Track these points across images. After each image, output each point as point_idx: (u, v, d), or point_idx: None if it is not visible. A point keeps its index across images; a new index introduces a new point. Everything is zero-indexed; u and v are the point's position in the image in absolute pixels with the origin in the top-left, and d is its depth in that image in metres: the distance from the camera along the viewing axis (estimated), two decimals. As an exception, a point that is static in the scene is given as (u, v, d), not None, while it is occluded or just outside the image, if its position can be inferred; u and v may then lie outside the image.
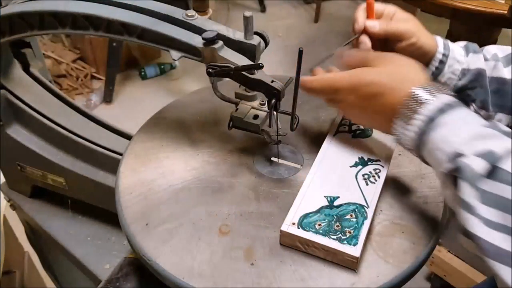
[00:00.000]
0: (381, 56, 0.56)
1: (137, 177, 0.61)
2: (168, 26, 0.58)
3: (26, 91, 0.88)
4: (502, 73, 0.66)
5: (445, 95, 0.50)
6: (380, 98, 0.53)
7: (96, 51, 2.45)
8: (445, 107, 0.49)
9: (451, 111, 0.48)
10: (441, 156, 0.47)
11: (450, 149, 0.46)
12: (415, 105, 0.50)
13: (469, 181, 0.43)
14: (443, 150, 0.47)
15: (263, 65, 0.54)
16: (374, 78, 0.53)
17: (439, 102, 0.49)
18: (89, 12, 0.59)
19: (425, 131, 0.49)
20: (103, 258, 0.89)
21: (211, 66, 0.56)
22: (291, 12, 3.24)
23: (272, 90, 0.55)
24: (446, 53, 0.65)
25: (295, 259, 0.50)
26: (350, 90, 0.54)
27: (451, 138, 0.46)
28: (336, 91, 0.56)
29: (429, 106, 0.49)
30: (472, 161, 0.43)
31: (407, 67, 0.55)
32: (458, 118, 0.48)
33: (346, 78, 0.55)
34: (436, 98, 0.49)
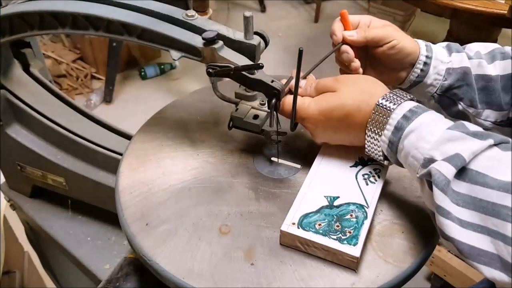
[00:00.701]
0: (341, 79, 0.57)
1: (137, 177, 0.61)
2: (168, 26, 0.58)
3: (26, 91, 0.88)
4: (487, 70, 0.66)
5: (408, 101, 0.52)
6: (349, 119, 0.54)
7: (96, 51, 2.45)
8: (409, 114, 0.50)
9: (416, 117, 0.49)
10: (414, 162, 0.48)
11: (421, 155, 0.47)
12: (381, 117, 0.52)
13: (439, 186, 0.44)
14: (415, 156, 0.48)
15: (263, 65, 0.54)
16: (339, 102, 0.54)
17: (402, 110, 0.50)
18: (89, 12, 0.59)
19: (395, 140, 0.50)
20: (103, 258, 0.89)
21: (211, 66, 0.56)
22: (291, 12, 3.24)
23: (272, 90, 0.55)
24: (429, 55, 0.65)
25: (295, 259, 0.50)
26: (318, 117, 0.56)
27: (421, 144, 0.48)
28: (305, 120, 0.57)
29: (394, 115, 0.50)
30: (441, 166, 0.44)
31: (367, 83, 0.57)
32: (424, 123, 0.49)
33: (312, 106, 0.56)
34: (399, 106, 0.51)
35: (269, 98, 0.56)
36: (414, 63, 0.65)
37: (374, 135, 0.53)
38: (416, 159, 0.48)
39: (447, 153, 0.45)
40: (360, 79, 0.58)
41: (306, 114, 0.56)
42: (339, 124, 0.55)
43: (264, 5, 3.22)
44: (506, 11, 1.63)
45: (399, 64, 0.65)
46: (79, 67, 2.51)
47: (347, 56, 0.64)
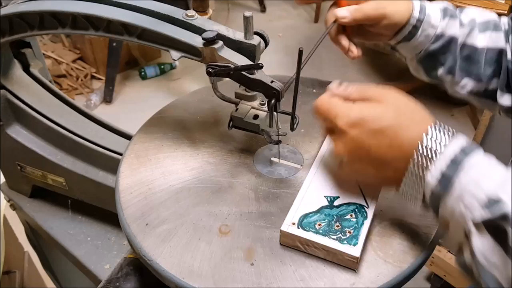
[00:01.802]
0: (382, 93, 0.50)
1: (137, 177, 0.61)
2: (168, 26, 0.58)
3: (26, 91, 0.88)
4: (475, 41, 0.66)
5: (461, 135, 0.45)
6: (388, 137, 0.46)
7: (96, 51, 2.45)
8: (467, 148, 0.43)
9: (474, 153, 0.43)
10: (473, 202, 0.40)
11: (484, 194, 0.40)
12: (433, 146, 0.44)
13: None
14: (476, 195, 0.40)
15: (263, 65, 0.54)
16: (382, 114, 0.47)
17: (459, 143, 0.44)
18: (89, 12, 0.59)
19: (449, 175, 0.42)
20: (103, 258, 0.89)
21: (211, 66, 0.56)
22: (291, 12, 3.25)
23: (272, 91, 0.55)
24: (421, 18, 0.65)
25: (295, 259, 0.50)
26: (354, 123, 0.47)
27: (483, 181, 0.41)
28: (336, 118, 0.49)
29: (451, 146, 0.43)
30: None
31: (412, 106, 0.49)
32: (482, 160, 0.43)
33: (353, 108, 0.48)
34: (455, 139, 0.44)
35: (269, 99, 0.56)
36: (405, 25, 0.65)
37: (419, 168, 0.44)
38: (476, 197, 0.40)
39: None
40: (406, 101, 0.49)
41: (343, 112, 0.48)
42: (374, 141, 0.46)
43: (264, 5, 3.22)
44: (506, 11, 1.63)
45: (389, 32, 0.66)
46: (79, 67, 2.51)
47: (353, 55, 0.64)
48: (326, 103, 0.50)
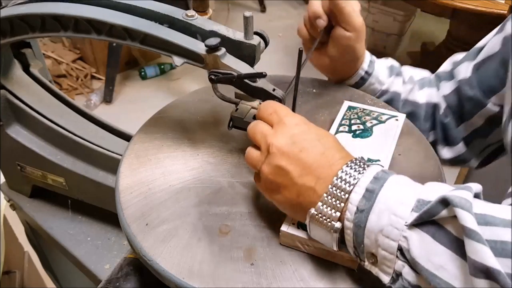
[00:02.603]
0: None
1: (137, 177, 0.61)
2: (171, 31, 0.57)
3: (26, 91, 0.88)
4: (416, 97, 0.73)
5: (375, 165, 0.45)
6: (323, 146, 0.47)
7: (96, 51, 2.46)
8: (387, 170, 0.44)
9: (394, 174, 0.43)
10: (402, 209, 0.39)
11: (413, 198, 0.40)
12: (357, 167, 0.44)
13: (465, 207, 0.36)
14: (405, 201, 0.40)
15: (266, 74, 0.54)
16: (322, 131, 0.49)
17: (379, 167, 0.44)
18: (91, 16, 0.59)
19: (375, 188, 0.41)
20: (103, 258, 0.89)
21: (214, 72, 0.56)
22: (291, 12, 3.25)
23: (273, 99, 0.55)
24: (370, 71, 0.71)
25: (295, 259, 0.50)
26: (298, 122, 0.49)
27: (409, 190, 0.41)
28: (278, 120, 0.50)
29: (373, 168, 0.44)
30: (456, 193, 0.37)
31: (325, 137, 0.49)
32: (404, 178, 0.43)
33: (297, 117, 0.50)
34: (374, 165, 0.45)
35: None
36: (354, 73, 0.72)
37: (343, 186, 0.43)
38: (406, 204, 0.39)
39: (450, 189, 0.39)
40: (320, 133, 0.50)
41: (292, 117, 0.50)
42: (315, 145, 0.46)
43: (264, 5, 3.22)
44: (506, 11, 1.63)
45: (344, 63, 0.71)
46: (79, 67, 2.51)
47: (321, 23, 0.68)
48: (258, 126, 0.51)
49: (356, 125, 0.65)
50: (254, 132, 0.51)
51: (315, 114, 0.72)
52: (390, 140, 0.62)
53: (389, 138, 0.62)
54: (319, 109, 0.73)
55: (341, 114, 0.67)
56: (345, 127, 0.65)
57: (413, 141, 0.65)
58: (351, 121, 0.65)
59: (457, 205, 0.36)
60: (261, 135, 0.50)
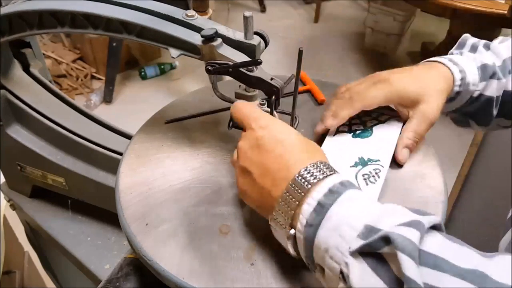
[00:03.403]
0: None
1: (137, 177, 0.61)
2: (167, 24, 0.58)
3: (26, 91, 0.88)
4: (508, 85, 0.63)
5: (341, 174, 0.44)
6: (283, 148, 0.46)
7: (96, 51, 2.46)
8: (346, 182, 0.42)
9: (352, 188, 0.42)
10: (349, 232, 0.38)
11: (361, 223, 0.38)
12: (315, 173, 0.42)
13: (406, 251, 0.33)
14: (353, 224, 0.38)
15: (262, 61, 0.54)
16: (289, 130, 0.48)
17: (340, 177, 0.43)
18: (88, 10, 0.59)
19: (326, 203, 0.40)
20: (103, 258, 0.89)
21: (210, 63, 0.56)
22: (291, 12, 3.25)
23: (272, 88, 0.55)
24: (461, 90, 0.61)
25: (295, 259, 0.50)
26: (263, 126, 0.49)
27: (361, 212, 0.39)
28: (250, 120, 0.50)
29: (331, 178, 0.42)
30: (402, 230, 0.35)
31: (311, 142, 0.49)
32: (360, 194, 0.41)
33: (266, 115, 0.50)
34: (336, 173, 0.43)
35: (269, 96, 0.56)
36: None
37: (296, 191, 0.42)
38: (353, 227, 0.38)
39: (400, 221, 0.36)
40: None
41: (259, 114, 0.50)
42: (276, 146, 0.46)
43: (264, 5, 3.22)
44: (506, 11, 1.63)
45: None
46: (79, 67, 2.51)
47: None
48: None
49: (356, 125, 0.65)
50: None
51: (315, 114, 0.72)
52: (390, 140, 0.61)
53: (389, 138, 0.62)
54: (319, 109, 0.73)
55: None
56: (345, 127, 0.65)
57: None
58: (351, 121, 0.65)
59: (398, 247, 0.34)
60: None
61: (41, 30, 0.65)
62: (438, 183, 0.59)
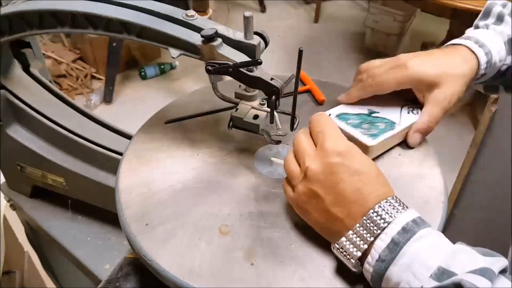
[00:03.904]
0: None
1: (137, 177, 0.61)
2: (167, 24, 0.58)
3: (26, 91, 0.88)
4: None
5: (413, 210, 0.45)
6: (361, 181, 0.45)
7: (96, 51, 2.46)
8: (418, 220, 0.43)
9: (424, 225, 0.43)
10: (422, 271, 0.39)
11: (434, 263, 0.39)
12: (389, 211, 0.43)
13: None
14: (426, 264, 0.39)
15: (262, 61, 0.54)
16: (367, 160, 0.47)
17: (412, 214, 0.44)
18: (88, 11, 0.59)
19: (400, 241, 0.41)
20: (103, 258, 0.89)
21: (210, 63, 0.56)
22: (291, 12, 3.25)
23: (272, 88, 0.55)
24: (487, 71, 0.61)
25: (295, 259, 0.50)
26: (341, 152, 0.46)
27: (433, 251, 0.40)
28: (326, 139, 0.48)
29: (404, 216, 0.43)
30: (473, 278, 0.36)
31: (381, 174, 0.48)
32: (432, 232, 0.43)
33: (344, 140, 0.48)
34: (408, 210, 0.44)
35: (269, 96, 0.56)
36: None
37: (371, 228, 0.43)
38: (427, 267, 0.39)
39: (472, 267, 0.37)
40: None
41: (336, 140, 0.48)
42: (355, 178, 0.45)
43: (264, 5, 3.22)
44: (506, 11, 1.63)
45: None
46: (79, 67, 2.51)
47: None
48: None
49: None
50: (297, 145, 0.51)
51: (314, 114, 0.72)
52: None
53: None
54: (319, 109, 0.73)
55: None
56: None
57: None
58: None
59: None
60: (302, 153, 0.49)
61: (41, 30, 0.65)
62: (438, 183, 0.59)
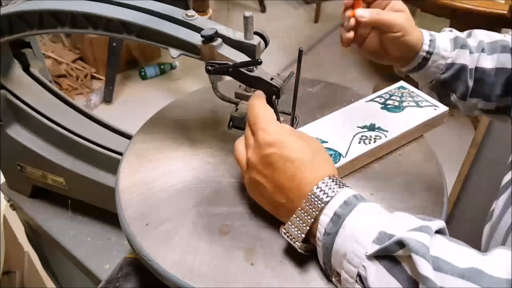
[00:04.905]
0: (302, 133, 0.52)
1: (137, 177, 0.61)
2: (167, 24, 0.58)
3: (26, 91, 0.88)
4: (484, 63, 0.69)
5: (346, 189, 0.46)
6: (294, 167, 0.47)
7: (96, 51, 2.45)
8: (358, 195, 0.45)
9: (364, 200, 0.45)
10: (365, 237, 0.41)
11: (376, 230, 0.41)
12: (328, 190, 0.45)
13: (420, 253, 0.37)
14: (368, 231, 0.41)
15: (262, 61, 0.54)
16: (299, 148, 0.49)
17: (352, 191, 0.46)
18: (88, 11, 0.59)
19: (341, 214, 0.43)
20: (103, 258, 0.89)
21: (210, 63, 0.56)
22: (291, 12, 3.25)
23: (272, 88, 0.55)
24: (431, 50, 0.67)
25: (295, 259, 0.50)
26: (271, 143, 0.49)
27: (374, 220, 0.42)
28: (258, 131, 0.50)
29: (345, 191, 0.45)
30: (413, 235, 0.38)
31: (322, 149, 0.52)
32: (372, 205, 0.45)
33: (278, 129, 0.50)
34: (347, 187, 0.46)
35: (269, 96, 0.56)
36: (415, 56, 0.67)
37: (310, 210, 0.45)
38: (369, 234, 0.41)
39: (410, 227, 0.40)
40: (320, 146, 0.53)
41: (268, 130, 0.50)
42: (288, 166, 0.48)
43: (264, 5, 3.22)
44: (506, 11, 1.63)
45: (400, 52, 0.67)
46: (79, 67, 2.51)
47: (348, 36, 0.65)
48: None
49: (392, 101, 0.67)
50: (246, 133, 0.53)
51: (315, 114, 0.72)
52: (413, 121, 0.63)
53: (414, 119, 0.64)
54: (319, 109, 0.73)
55: (388, 89, 0.70)
56: (382, 99, 0.68)
57: (413, 141, 0.65)
58: (392, 97, 0.68)
59: (413, 250, 0.37)
60: (247, 143, 0.52)
61: (41, 30, 0.65)
62: (438, 183, 0.59)
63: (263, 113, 0.52)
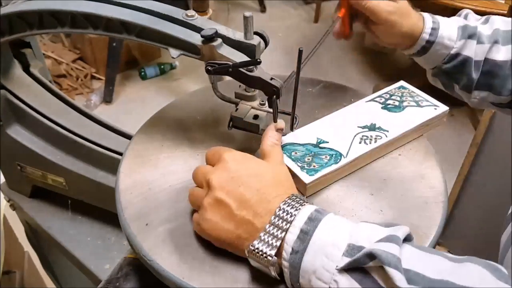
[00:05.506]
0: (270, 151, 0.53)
1: (137, 177, 0.61)
2: (167, 24, 0.58)
3: (26, 91, 0.88)
4: (497, 55, 0.66)
5: (308, 205, 0.46)
6: (260, 182, 0.47)
7: (96, 51, 2.45)
8: (321, 210, 0.45)
9: (327, 213, 0.44)
10: (335, 252, 0.40)
11: (344, 243, 0.40)
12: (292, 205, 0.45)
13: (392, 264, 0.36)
14: (337, 244, 0.40)
15: (261, 61, 0.54)
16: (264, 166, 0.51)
17: (314, 207, 0.45)
18: (88, 11, 0.59)
19: (309, 229, 0.42)
20: (103, 258, 0.89)
21: (210, 63, 0.56)
22: (291, 12, 3.25)
23: (272, 88, 0.55)
24: (432, 39, 0.65)
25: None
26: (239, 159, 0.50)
27: (340, 233, 0.42)
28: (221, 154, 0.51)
29: (307, 208, 0.44)
30: (383, 246, 0.38)
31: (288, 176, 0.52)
32: (336, 218, 0.44)
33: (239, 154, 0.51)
34: (309, 204, 0.46)
35: (269, 96, 0.56)
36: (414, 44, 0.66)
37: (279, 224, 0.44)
38: (338, 247, 0.40)
39: (378, 237, 0.40)
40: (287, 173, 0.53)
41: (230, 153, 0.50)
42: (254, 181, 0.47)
43: (264, 5, 3.22)
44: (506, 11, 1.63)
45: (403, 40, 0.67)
46: (79, 67, 2.51)
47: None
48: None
49: (393, 101, 0.67)
50: (196, 173, 0.52)
51: (314, 114, 0.72)
52: (413, 120, 0.63)
53: (414, 118, 0.64)
54: (319, 110, 0.73)
55: (388, 89, 0.70)
56: (382, 99, 0.68)
57: (413, 140, 0.65)
58: (392, 96, 0.68)
59: (385, 262, 0.36)
60: (201, 174, 0.51)
61: (41, 30, 0.65)
62: (438, 183, 0.59)
63: (223, 147, 0.53)
